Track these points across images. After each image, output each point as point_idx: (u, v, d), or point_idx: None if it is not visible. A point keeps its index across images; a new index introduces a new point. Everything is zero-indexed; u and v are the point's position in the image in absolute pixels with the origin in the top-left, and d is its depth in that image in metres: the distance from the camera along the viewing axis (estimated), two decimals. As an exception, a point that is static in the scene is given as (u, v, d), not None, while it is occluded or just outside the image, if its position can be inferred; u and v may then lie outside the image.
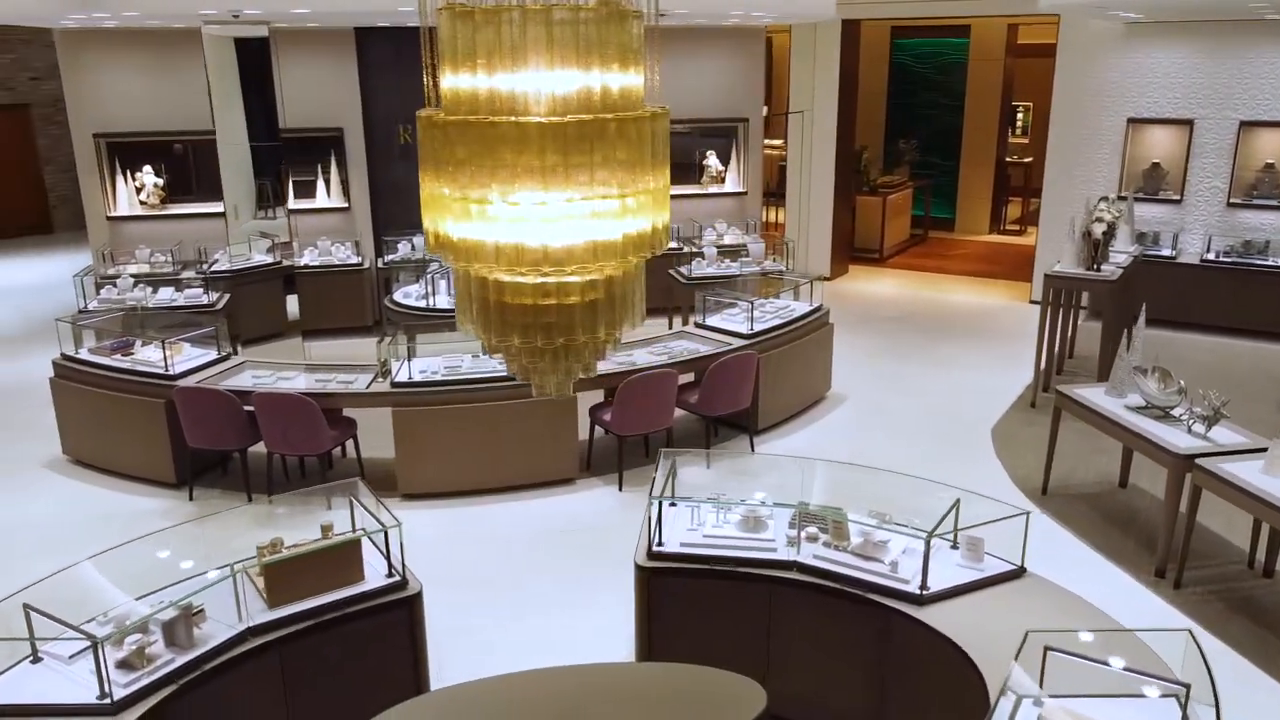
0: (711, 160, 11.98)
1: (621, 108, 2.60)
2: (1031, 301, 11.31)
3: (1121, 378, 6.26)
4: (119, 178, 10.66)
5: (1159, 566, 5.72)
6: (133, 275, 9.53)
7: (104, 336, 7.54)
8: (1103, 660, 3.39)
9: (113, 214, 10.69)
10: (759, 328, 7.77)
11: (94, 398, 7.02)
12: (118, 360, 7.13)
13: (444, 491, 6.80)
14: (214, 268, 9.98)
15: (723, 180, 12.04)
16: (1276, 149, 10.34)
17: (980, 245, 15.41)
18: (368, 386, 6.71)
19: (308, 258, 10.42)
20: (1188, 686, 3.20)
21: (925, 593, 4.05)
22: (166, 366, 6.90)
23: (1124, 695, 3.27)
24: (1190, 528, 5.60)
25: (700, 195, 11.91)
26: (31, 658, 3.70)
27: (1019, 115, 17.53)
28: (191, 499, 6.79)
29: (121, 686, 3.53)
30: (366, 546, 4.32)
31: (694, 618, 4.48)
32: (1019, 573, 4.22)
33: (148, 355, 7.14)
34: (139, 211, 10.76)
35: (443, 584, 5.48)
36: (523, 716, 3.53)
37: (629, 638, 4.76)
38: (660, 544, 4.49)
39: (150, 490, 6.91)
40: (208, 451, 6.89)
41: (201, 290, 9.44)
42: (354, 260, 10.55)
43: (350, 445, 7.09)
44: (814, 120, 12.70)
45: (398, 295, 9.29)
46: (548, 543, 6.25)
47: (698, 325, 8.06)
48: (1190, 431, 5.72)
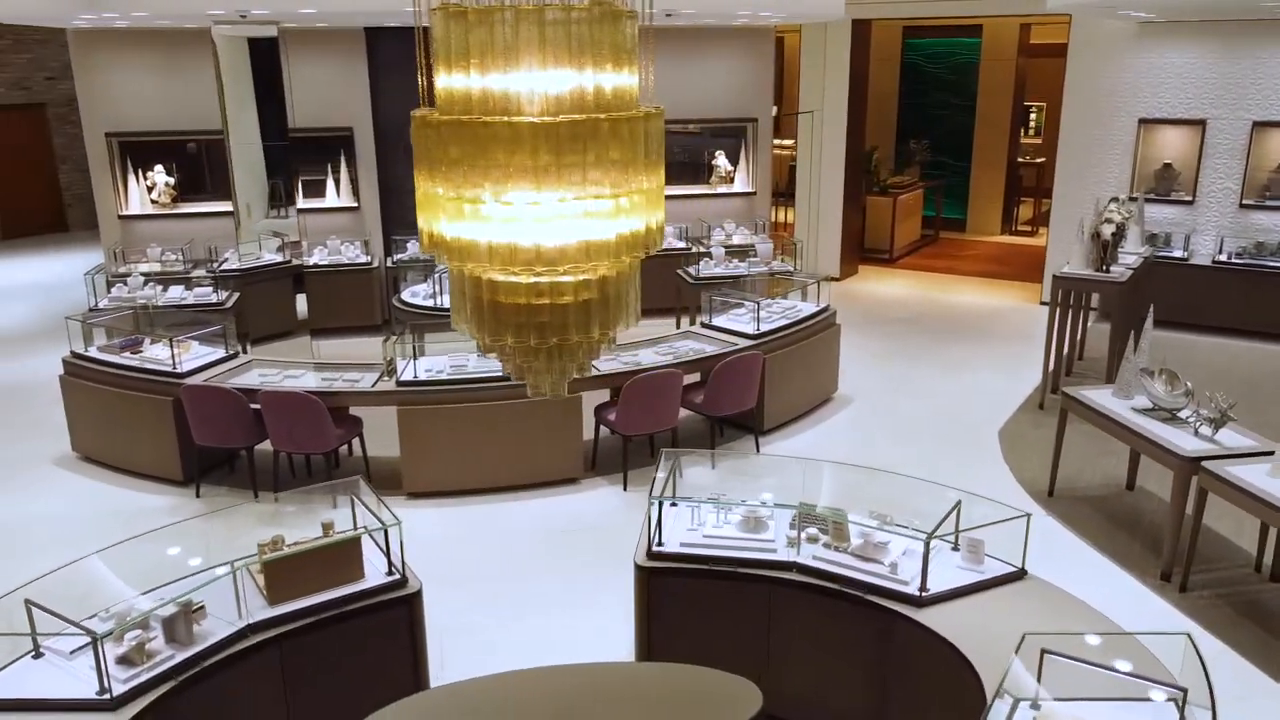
0: (720, 160, 11.96)
1: (615, 107, 2.60)
2: (1042, 303, 11.24)
3: (1128, 379, 6.22)
4: (131, 177, 10.74)
5: (1165, 570, 5.68)
6: (143, 274, 9.57)
7: (114, 334, 7.60)
8: (1100, 663, 3.37)
9: (125, 213, 10.78)
10: (765, 328, 7.75)
11: (103, 395, 7.08)
12: (127, 358, 7.18)
13: (449, 490, 6.82)
14: (224, 267, 10.03)
15: (731, 180, 12.02)
16: (1290, 150, 10.27)
17: (992, 246, 15.35)
18: (373, 385, 6.73)
19: (317, 257, 10.47)
20: (1185, 690, 3.18)
21: (924, 594, 4.04)
22: (174, 365, 6.96)
23: (1121, 699, 3.26)
24: (1196, 531, 5.55)
25: (709, 195, 11.90)
26: (33, 653, 3.73)
27: (1032, 115, 17.46)
28: (199, 496, 6.83)
29: (121, 682, 3.55)
30: (367, 544, 4.34)
31: (694, 618, 4.48)
32: (1020, 575, 4.21)
33: (156, 353, 7.20)
34: (150, 210, 10.85)
35: (446, 583, 5.51)
36: (518, 715, 3.54)
37: (629, 638, 4.76)
38: (660, 544, 4.50)
39: (158, 487, 6.96)
40: (215, 449, 6.93)
41: (211, 289, 9.49)
42: (363, 259, 10.59)
43: (356, 444, 7.12)
44: (824, 120, 12.67)
45: (406, 294, 9.31)
46: (551, 542, 6.26)
47: (704, 325, 8.05)
48: (1197, 434, 5.69)
